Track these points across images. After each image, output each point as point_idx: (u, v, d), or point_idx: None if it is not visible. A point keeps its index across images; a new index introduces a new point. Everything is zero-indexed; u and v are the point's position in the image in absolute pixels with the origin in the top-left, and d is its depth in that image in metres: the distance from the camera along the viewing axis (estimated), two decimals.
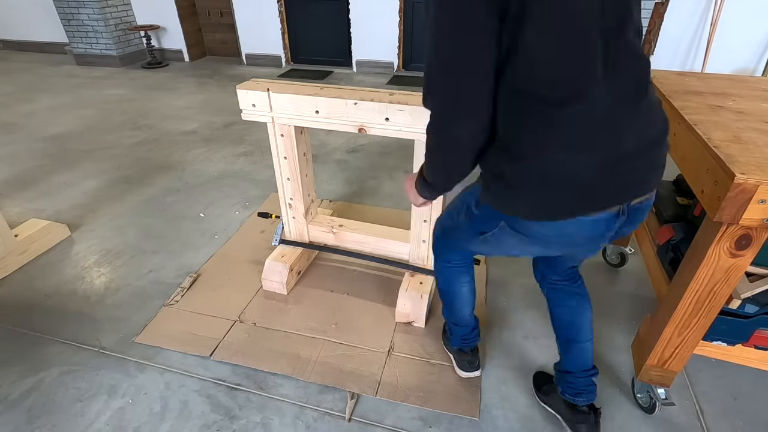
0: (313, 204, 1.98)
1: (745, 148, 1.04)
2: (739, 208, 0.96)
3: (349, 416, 1.44)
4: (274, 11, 5.32)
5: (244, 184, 2.85)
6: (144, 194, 2.73)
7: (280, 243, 1.99)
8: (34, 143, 3.42)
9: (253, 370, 1.60)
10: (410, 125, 1.48)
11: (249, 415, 1.45)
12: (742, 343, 1.34)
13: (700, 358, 1.55)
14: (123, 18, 5.71)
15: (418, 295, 1.73)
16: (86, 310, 1.86)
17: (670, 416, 1.44)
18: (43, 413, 1.45)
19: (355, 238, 1.90)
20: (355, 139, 3.48)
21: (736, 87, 1.52)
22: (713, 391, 1.53)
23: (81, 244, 2.28)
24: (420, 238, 1.75)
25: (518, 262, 2.14)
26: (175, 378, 1.57)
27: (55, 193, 2.73)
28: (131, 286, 1.99)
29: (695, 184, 1.12)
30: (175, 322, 1.79)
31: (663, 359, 1.33)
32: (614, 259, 2.10)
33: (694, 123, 1.18)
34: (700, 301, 1.17)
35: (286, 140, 1.70)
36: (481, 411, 1.46)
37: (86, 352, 1.67)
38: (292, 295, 1.94)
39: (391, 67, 5.30)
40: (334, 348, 1.68)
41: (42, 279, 2.03)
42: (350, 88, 1.59)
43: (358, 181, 2.90)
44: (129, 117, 4.00)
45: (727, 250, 1.06)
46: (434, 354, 1.66)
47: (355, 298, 1.92)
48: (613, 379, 1.57)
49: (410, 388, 1.53)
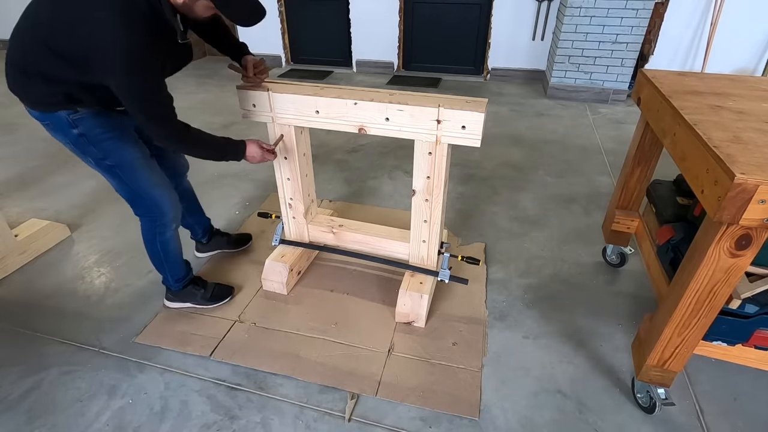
0: (313, 204, 1.98)
1: (745, 148, 1.04)
2: (739, 208, 0.96)
3: (349, 416, 1.44)
4: (274, 11, 5.31)
5: (244, 184, 2.84)
6: None
7: (280, 243, 1.99)
8: (34, 143, 3.42)
9: (253, 370, 1.60)
10: (410, 125, 1.48)
11: (249, 415, 1.45)
12: (742, 343, 1.34)
13: (700, 358, 1.55)
14: None
15: (418, 295, 1.73)
16: (86, 310, 1.86)
17: (670, 416, 1.44)
18: (43, 413, 1.45)
19: (355, 238, 1.90)
20: (355, 139, 3.48)
21: (736, 87, 1.51)
22: (713, 391, 1.53)
23: (81, 244, 2.28)
24: (420, 238, 1.75)
25: (518, 262, 2.14)
26: (175, 378, 1.57)
27: (55, 193, 2.73)
28: (131, 286, 1.99)
29: (695, 184, 1.12)
30: (175, 322, 1.79)
31: (663, 359, 1.33)
32: (614, 259, 2.10)
33: (694, 123, 1.18)
34: (700, 301, 1.17)
35: (286, 140, 1.70)
36: (481, 411, 1.46)
37: (86, 352, 1.67)
38: (292, 295, 1.93)
39: (391, 67, 5.30)
40: (334, 348, 1.68)
41: (42, 279, 2.03)
42: (350, 88, 1.59)
43: (358, 181, 2.90)
44: None
45: (727, 250, 1.06)
46: (434, 354, 1.66)
47: (355, 298, 1.92)
48: (613, 379, 1.57)
49: (410, 388, 1.53)
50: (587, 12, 3.97)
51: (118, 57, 1.17)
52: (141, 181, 1.52)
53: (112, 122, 1.44)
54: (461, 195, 2.72)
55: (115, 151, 1.45)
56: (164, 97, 1.30)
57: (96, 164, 1.47)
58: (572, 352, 1.68)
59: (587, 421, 1.43)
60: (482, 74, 5.14)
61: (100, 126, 1.41)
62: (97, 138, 1.41)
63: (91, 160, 1.46)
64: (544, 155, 3.25)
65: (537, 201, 2.66)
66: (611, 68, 4.19)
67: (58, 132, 1.40)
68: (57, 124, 1.38)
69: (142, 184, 1.52)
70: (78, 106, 1.36)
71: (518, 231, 2.38)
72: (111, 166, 1.47)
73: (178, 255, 1.75)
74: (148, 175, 1.53)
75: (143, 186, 1.53)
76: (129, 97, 1.25)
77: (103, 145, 1.43)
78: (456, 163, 3.08)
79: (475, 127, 1.40)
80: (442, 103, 1.42)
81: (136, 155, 1.50)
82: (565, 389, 1.54)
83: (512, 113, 4.07)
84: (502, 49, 4.88)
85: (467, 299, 1.91)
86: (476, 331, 1.76)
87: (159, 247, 1.68)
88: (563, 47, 4.19)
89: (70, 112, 1.36)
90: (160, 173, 1.59)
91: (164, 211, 1.60)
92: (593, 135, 3.60)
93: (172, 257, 1.73)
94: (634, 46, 4.04)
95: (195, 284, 1.83)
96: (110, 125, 1.43)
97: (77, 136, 1.40)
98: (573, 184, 2.84)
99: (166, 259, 1.72)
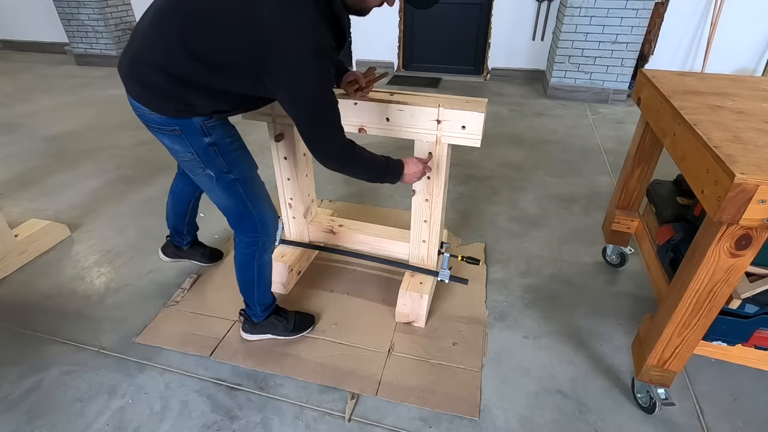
0: (313, 204, 1.98)
1: (745, 148, 1.04)
2: (739, 208, 0.96)
3: (349, 416, 1.44)
4: None
5: None
6: (144, 194, 2.73)
7: (280, 243, 1.99)
8: (34, 143, 3.42)
9: (253, 370, 1.60)
10: (410, 125, 1.48)
11: (249, 415, 1.45)
12: (742, 343, 1.34)
13: (700, 358, 1.55)
14: (123, 18, 5.71)
15: (418, 295, 1.73)
16: (86, 310, 1.86)
17: (670, 416, 1.44)
18: (43, 413, 1.45)
19: (355, 238, 1.90)
20: (355, 139, 3.47)
21: (736, 87, 1.51)
22: (713, 391, 1.53)
23: (81, 244, 2.28)
24: (420, 238, 1.75)
25: (518, 262, 2.14)
26: (175, 378, 1.57)
27: (55, 193, 2.73)
28: (131, 286, 1.99)
29: (695, 184, 1.12)
30: (175, 322, 1.79)
31: (663, 359, 1.33)
32: (614, 259, 2.10)
33: (694, 123, 1.18)
34: (700, 301, 1.17)
35: (286, 140, 1.70)
36: (481, 411, 1.46)
37: (86, 352, 1.67)
38: (292, 295, 1.93)
39: (391, 67, 5.30)
40: (334, 348, 1.68)
41: (42, 279, 2.03)
42: None
43: (358, 181, 2.89)
44: (129, 117, 3.99)
45: (727, 250, 1.06)
46: (434, 354, 1.66)
47: (355, 298, 1.92)
48: (613, 379, 1.57)
49: (410, 388, 1.53)
50: (587, 12, 3.97)
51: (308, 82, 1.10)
52: (257, 197, 1.43)
53: (236, 133, 1.35)
54: (461, 195, 2.72)
55: (240, 165, 1.35)
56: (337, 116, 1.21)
57: (216, 178, 1.33)
58: (572, 352, 1.68)
59: (587, 421, 1.43)
60: (482, 74, 5.14)
61: (230, 136, 1.32)
62: (226, 148, 1.30)
63: (212, 173, 1.32)
64: (544, 155, 3.25)
65: (537, 201, 2.66)
66: (611, 68, 4.19)
67: (185, 139, 1.25)
68: (189, 131, 1.23)
69: (257, 201, 1.43)
70: (215, 113, 1.25)
71: (518, 231, 2.38)
72: (234, 180, 1.35)
73: (269, 281, 1.62)
74: (264, 192, 1.46)
75: (258, 203, 1.43)
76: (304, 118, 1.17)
77: (231, 157, 1.32)
78: (456, 163, 3.08)
79: (475, 127, 1.40)
80: (442, 103, 1.42)
81: (256, 169, 1.43)
82: (565, 389, 1.54)
83: (512, 113, 4.07)
84: (502, 49, 4.88)
85: (467, 299, 1.91)
86: (476, 331, 1.76)
87: (255, 270, 1.52)
88: (563, 47, 4.19)
89: (205, 118, 1.23)
90: (266, 190, 1.49)
91: (270, 232, 1.50)
92: (593, 135, 3.60)
93: (265, 283, 1.59)
94: (634, 46, 4.04)
95: (278, 315, 1.67)
96: (237, 136, 1.35)
97: (208, 145, 1.26)
98: (573, 184, 2.84)
99: (259, 285, 1.56)
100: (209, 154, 1.28)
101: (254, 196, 1.42)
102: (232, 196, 1.38)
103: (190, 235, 2.01)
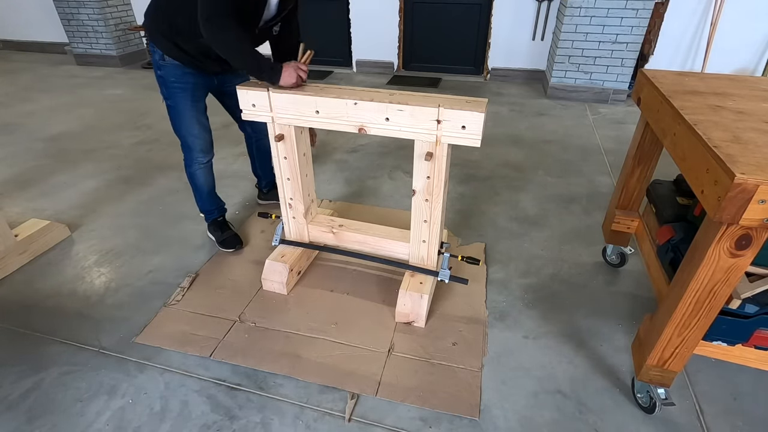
0: (313, 204, 1.98)
1: (745, 148, 1.04)
2: (739, 208, 0.96)
3: (349, 416, 1.44)
4: None
5: (244, 184, 2.84)
6: (144, 194, 2.73)
7: (280, 243, 1.99)
8: (34, 143, 3.42)
9: (253, 370, 1.60)
10: (410, 125, 1.48)
11: (249, 415, 1.45)
12: (742, 343, 1.34)
13: (700, 358, 1.55)
14: (123, 18, 5.71)
15: (418, 295, 1.73)
16: (86, 310, 1.86)
17: (670, 416, 1.44)
18: (43, 413, 1.45)
19: (355, 238, 1.90)
20: (355, 139, 3.48)
21: (736, 87, 1.52)
22: (713, 391, 1.53)
23: (81, 244, 2.28)
24: (420, 238, 1.75)
25: (518, 262, 2.14)
26: (175, 378, 1.57)
27: (55, 193, 2.73)
28: (131, 286, 1.99)
29: (695, 184, 1.12)
30: (175, 322, 1.79)
31: (663, 359, 1.33)
32: (614, 259, 2.10)
33: (694, 123, 1.18)
34: (700, 301, 1.17)
35: (286, 140, 1.70)
36: (481, 411, 1.46)
37: (86, 352, 1.67)
38: (292, 295, 1.94)
39: (391, 67, 5.30)
40: (334, 348, 1.68)
41: (42, 279, 2.03)
42: (350, 88, 1.59)
43: (358, 181, 2.91)
44: (129, 117, 4.00)
45: (727, 250, 1.06)
46: (434, 354, 1.66)
47: (355, 298, 1.92)
48: (613, 379, 1.57)
49: (410, 388, 1.53)
50: (587, 12, 3.97)
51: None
52: (182, 126, 1.93)
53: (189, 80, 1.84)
54: (461, 195, 2.72)
55: (175, 96, 1.86)
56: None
57: (163, 101, 1.91)
58: (572, 353, 1.68)
59: (587, 421, 1.43)
60: (482, 74, 5.14)
61: (176, 77, 1.82)
62: (168, 82, 1.83)
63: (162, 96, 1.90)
64: (544, 155, 3.25)
65: (537, 201, 2.66)
66: (611, 68, 4.19)
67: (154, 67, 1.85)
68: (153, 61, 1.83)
69: (181, 128, 1.93)
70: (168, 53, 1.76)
71: (518, 231, 2.38)
72: (169, 106, 1.89)
73: (204, 192, 2.14)
74: (193, 123, 1.92)
75: (182, 129, 1.94)
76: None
77: (171, 89, 1.84)
78: (456, 163, 3.08)
79: (475, 127, 1.40)
80: (442, 103, 1.42)
81: (192, 107, 1.90)
82: (565, 389, 1.54)
83: (512, 113, 4.07)
84: (502, 49, 4.88)
85: (467, 299, 1.91)
86: (476, 331, 1.76)
87: (189, 179, 2.10)
88: (563, 47, 4.19)
89: (160, 56, 1.78)
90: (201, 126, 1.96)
91: (192, 155, 2.01)
92: (593, 135, 3.60)
93: (199, 193, 2.15)
94: (634, 46, 4.04)
95: (213, 226, 2.23)
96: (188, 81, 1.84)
97: (157, 76, 1.85)
98: (573, 184, 2.84)
99: (195, 193, 2.15)
100: (159, 81, 1.86)
101: (179, 124, 1.92)
102: (170, 118, 1.93)
103: (265, 179, 2.52)
